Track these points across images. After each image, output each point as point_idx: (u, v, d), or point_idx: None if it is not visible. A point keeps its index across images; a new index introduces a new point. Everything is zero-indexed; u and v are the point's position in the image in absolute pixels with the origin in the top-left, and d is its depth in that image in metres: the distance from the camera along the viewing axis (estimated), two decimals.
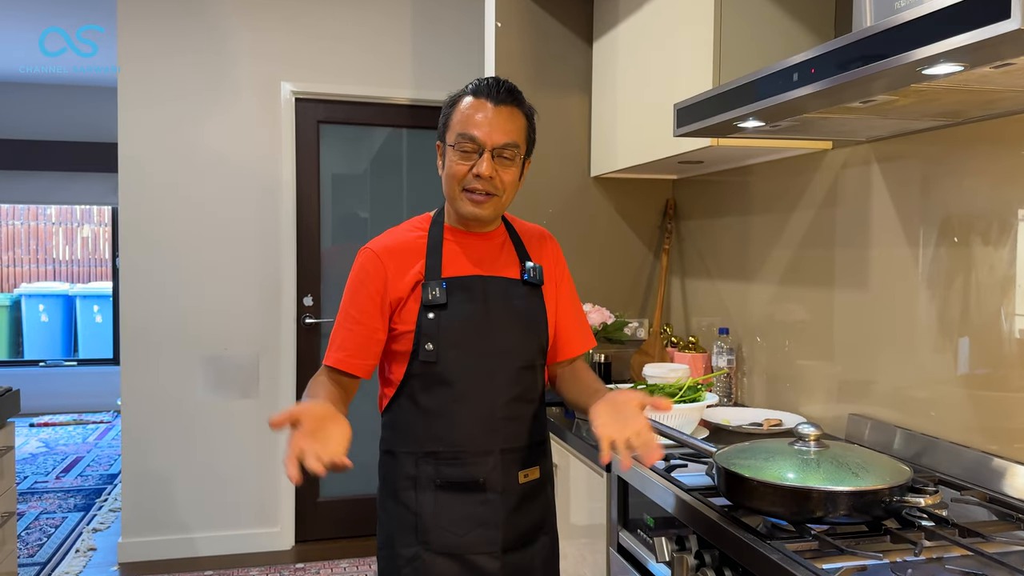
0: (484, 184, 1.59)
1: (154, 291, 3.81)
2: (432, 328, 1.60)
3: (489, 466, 1.63)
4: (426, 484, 1.63)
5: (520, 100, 1.64)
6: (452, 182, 1.62)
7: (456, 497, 1.62)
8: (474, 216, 1.63)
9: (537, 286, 1.71)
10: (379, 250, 1.66)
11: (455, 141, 1.60)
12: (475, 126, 1.58)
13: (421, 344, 1.61)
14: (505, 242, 1.73)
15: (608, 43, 2.85)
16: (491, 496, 1.63)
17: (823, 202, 2.20)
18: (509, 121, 1.60)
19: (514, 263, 1.71)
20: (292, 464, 1.22)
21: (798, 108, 1.54)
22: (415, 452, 1.64)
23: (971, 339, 1.73)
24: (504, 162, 1.60)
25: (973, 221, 1.72)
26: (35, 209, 8.99)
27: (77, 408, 7.33)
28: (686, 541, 1.56)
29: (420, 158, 4.24)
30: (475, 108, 1.60)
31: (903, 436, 1.87)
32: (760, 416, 2.25)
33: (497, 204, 1.63)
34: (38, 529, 4.27)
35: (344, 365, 1.63)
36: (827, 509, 1.33)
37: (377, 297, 1.63)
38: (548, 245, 1.80)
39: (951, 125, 1.74)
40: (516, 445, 1.67)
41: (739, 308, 2.62)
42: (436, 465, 1.63)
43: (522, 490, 1.67)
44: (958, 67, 1.17)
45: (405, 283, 1.63)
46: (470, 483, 1.63)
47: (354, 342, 1.63)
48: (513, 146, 1.60)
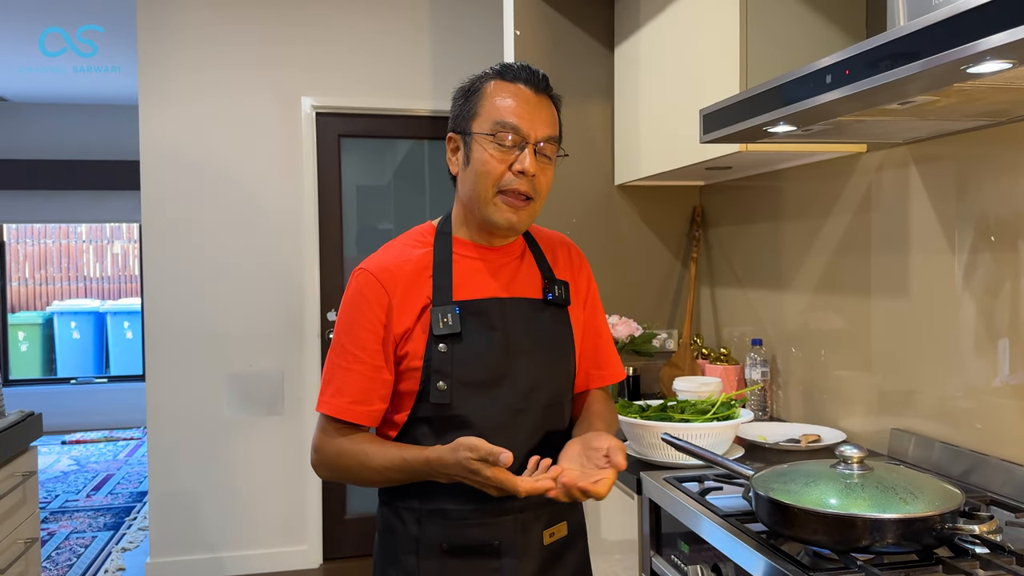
0: (527, 184, 1.36)
1: (178, 308, 3.80)
2: (444, 363, 1.35)
3: (506, 527, 1.38)
4: (431, 548, 1.38)
5: (552, 90, 1.43)
6: (485, 182, 1.36)
7: (465, 563, 1.38)
8: (509, 226, 1.39)
9: (563, 307, 1.49)
10: (377, 271, 1.40)
11: (492, 130, 1.35)
12: (515, 115, 1.35)
13: (432, 383, 1.35)
14: (525, 254, 1.50)
15: (630, 48, 2.78)
16: (507, 563, 1.38)
17: (858, 207, 2.12)
18: (551, 112, 1.40)
19: (536, 280, 1.48)
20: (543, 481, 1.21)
21: (832, 111, 1.46)
22: (418, 509, 1.39)
23: (1018, 345, 1.63)
24: (545, 160, 1.38)
25: (1018, 223, 1.63)
26: (66, 227, 9.10)
27: (108, 425, 7.39)
28: (722, 568, 1.49)
29: (442, 169, 4.20)
30: (513, 94, 1.37)
31: (950, 452, 1.78)
32: (797, 432, 2.16)
33: (533, 211, 1.40)
34: (68, 549, 4.28)
35: (348, 414, 1.36)
36: (873, 537, 1.25)
37: (379, 328, 1.37)
38: (572, 255, 1.57)
39: (993, 125, 1.66)
40: (540, 500, 1.33)
41: (772, 318, 2.53)
42: (443, 526, 1.38)
43: (546, 552, 1.43)
44: (1006, 64, 1.09)
45: (411, 310, 1.38)
46: (483, 547, 1.38)
47: (356, 384, 1.37)
48: (555, 141, 1.39)
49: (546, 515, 1.43)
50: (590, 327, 1.57)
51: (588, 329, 1.56)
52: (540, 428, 1.43)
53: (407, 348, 1.38)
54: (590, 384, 1.58)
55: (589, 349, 1.56)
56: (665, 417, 1.96)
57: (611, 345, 1.62)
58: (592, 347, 1.57)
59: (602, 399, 1.58)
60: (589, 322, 1.57)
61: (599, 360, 1.59)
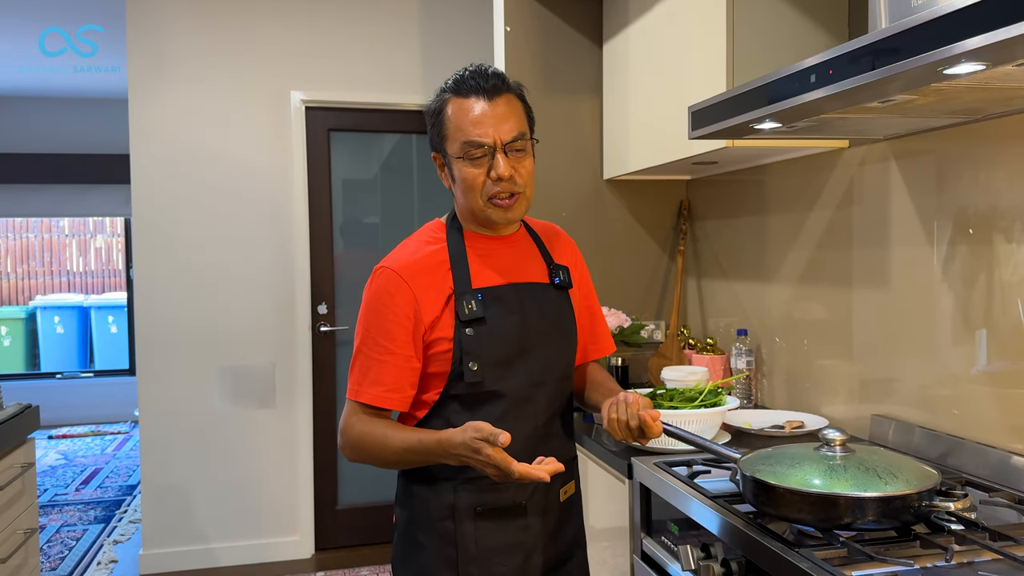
0: (507, 186, 1.48)
1: (168, 302, 3.82)
2: (474, 346, 1.48)
3: (531, 488, 1.53)
4: (466, 513, 1.51)
5: (508, 83, 1.51)
6: (472, 194, 1.49)
7: (497, 524, 1.52)
8: (506, 221, 1.53)
9: (565, 289, 1.62)
10: (400, 269, 1.51)
11: (461, 152, 1.48)
12: (476, 129, 1.46)
13: (464, 364, 1.48)
14: (528, 243, 1.64)
15: (618, 45, 2.83)
16: (532, 520, 1.55)
17: (840, 201, 2.18)
18: (510, 111, 1.48)
19: (540, 266, 1.62)
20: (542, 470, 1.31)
21: (816, 109, 1.52)
22: (454, 479, 1.51)
23: (994, 335, 1.71)
24: (518, 155, 1.48)
25: (993, 217, 1.70)
26: (48, 222, 9.05)
27: (94, 419, 7.38)
28: (711, 548, 1.55)
29: (431, 164, 4.23)
30: (470, 109, 1.47)
31: (927, 436, 1.85)
32: (781, 418, 2.23)
33: (523, 201, 1.52)
34: (59, 542, 4.30)
35: (384, 401, 1.50)
36: (855, 515, 1.31)
37: (408, 323, 1.49)
38: (565, 241, 1.72)
39: (970, 122, 1.72)
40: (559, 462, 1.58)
41: (757, 309, 2.60)
42: (478, 492, 1.51)
43: (562, 508, 1.61)
44: (980, 66, 1.15)
45: (436, 301, 1.50)
46: (512, 508, 1.53)
47: (390, 374, 1.49)
48: (522, 137, 1.49)
49: (562, 475, 1.52)
50: (585, 306, 1.72)
51: (584, 308, 1.71)
52: (555, 399, 1.59)
53: (436, 334, 1.50)
54: (588, 357, 1.75)
55: (587, 326, 1.72)
56: (655, 404, 2.02)
57: (604, 321, 1.80)
58: (588, 324, 1.73)
59: (601, 370, 1.77)
60: (584, 301, 1.71)
61: (595, 335, 1.76)
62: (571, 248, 1.72)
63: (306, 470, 3.99)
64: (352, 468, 4.06)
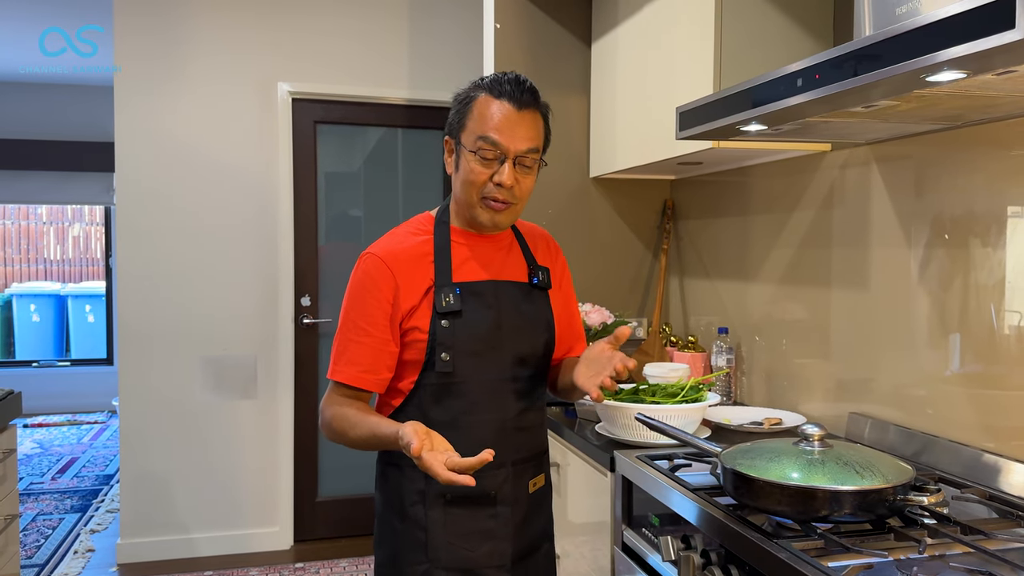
0: (505, 194, 1.53)
1: (150, 291, 3.81)
2: (447, 337, 1.53)
3: (501, 478, 1.59)
4: (436, 499, 1.56)
5: (539, 101, 1.56)
6: (470, 189, 1.54)
7: (466, 512, 1.57)
8: (492, 225, 1.58)
9: (545, 290, 1.68)
10: (385, 256, 1.56)
11: (475, 146, 1.51)
12: (498, 131, 1.50)
13: (436, 354, 1.53)
14: (512, 244, 1.69)
15: (607, 45, 2.86)
16: (502, 509, 1.60)
17: (822, 203, 2.23)
18: (532, 126, 1.53)
19: (522, 266, 1.67)
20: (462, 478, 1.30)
21: (801, 113, 1.56)
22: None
23: (968, 337, 1.75)
24: (524, 170, 1.54)
25: (970, 221, 1.74)
26: (26, 208, 8.95)
27: (71, 408, 7.32)
28: (692, 540, 1.58)
29: (415, 157, 4.26)
30: (498, 110, 1.51)
31: (902, 434, 1.90)
32: (760, 415, 2.27)
33: (515, 212, 1.58)
34: (36, 531, 4.27)
35: (359, 381, 1.55)
36: (832, 508, 1.35)
37: (387, 306, 1.54)
38: (550, 246, 1.77)
39: (949, 128, 1.77)
40: (527, 455, 1.64)
41: (738, 307, 2.64)
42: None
43: (531, 500, 1.66)
44: (961, 74, 1.19)
45: (416, 290, 1.55)
46: (481, 497, 1.57)
47: (367, 355, 1.55)
48: (535, 152, 1.54)
49: (531, 468, 1.65)
50: (566, 308, 1.77)
51: (565, 309, 1.76)
52: (526, 394, 1.64)
53: (412, 323, 1.55)
54: (570, 354, 1.80)
55: (567, 326, 1.77)
56: (637, 399, 2.06)
57: (579, 319, 1.86)
58: (569, 324, 1.78)
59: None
60: (565, 303, 1.77)
61: (575, 333, 1.81)
62: (555, 252, 1.77)
63: (286, 461, 3.99)
64: (332, 460, 4.07)
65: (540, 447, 1.70)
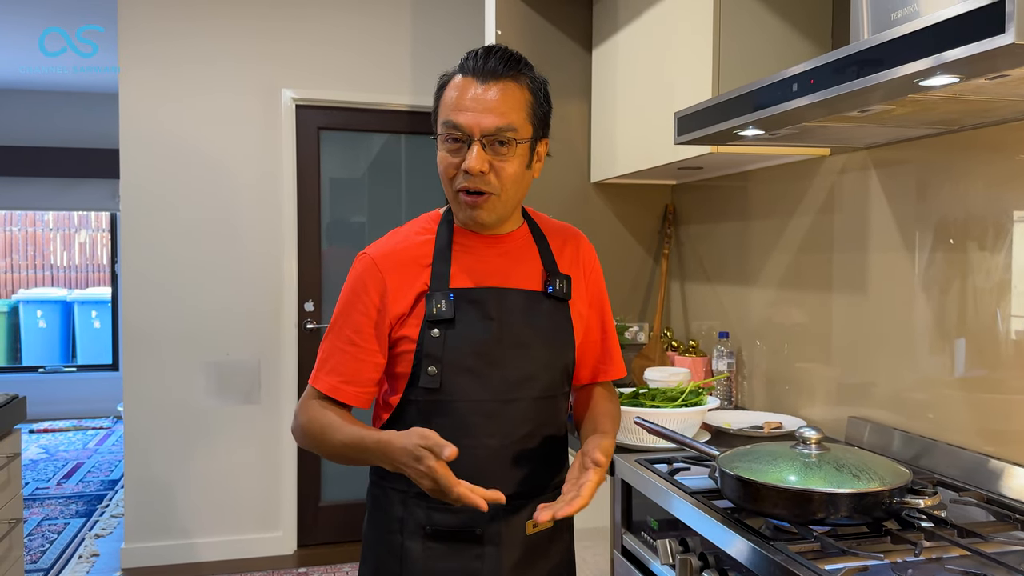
0: (474, 182, 1.32)
1: (156, 297, 3.83)
2: (436, 348, 1.35)
3: (488, 516, 1.35)
4: (414, 530, 1.40)
5: (517, 69, 1.35)
6: (445, 182, 1.37)
7: (447, 548, 1.39)
8: (472, 220, 1.38)
9: (564, 300, 1.46)
10: (378, 257, 1.41)
11: (440, 130, 1.34)
12: (459, 111, 1.31)
13: (423, 367, 1.36)
14: (526, 245, 1.47)
15: (608, 51, 2.88)
16: (488, 550, 1.39)
17: (821, 207, 2.23)
18: (501, 100, 1.31)
19: (537, 271, 1.46)
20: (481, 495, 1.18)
21: (797, 117, 1.57)
22: (404, 491, 1.40)
23: (968, 342, 1.76)
24: (500, 152, 1.32)
25: (969, 225, 1.75)
26: (32, 215, 9.00)
27: (77, 414, 7.34)
28: (689, 543, 1.59)
29: (419, 164, 4.27)
30: (458, 88, 1.33)
31: (902, 438, 1.90)
32: (760, 419, 2.27)
33: (497, 205, 1.36)
34: (40, 535, 4.29)
35: (338, 393, 1.40)
36: (829, 511, 1.35)
37: (373, 313, 1.38)
38: (580, 247, 1.55)
39: (947, 132, 1.77)
40: (525, 490, 1.41)
41: (739, 312, 2.65)
42: (427, 510, 1.39)
43: (529, 543, 1.44)
44: (954, 79, 1.20)
45: (407, 295, 1.38)
46: (464, 533, 1.39)
47: (349, 367, 1.39)
48: (508, 130, 1.31)
49: (530, 507, 1.40)
50: (597, 323, 1.57)
51: (595, 325, 1.56)
52: (530, 419, 1.43)
53: (402, 332, 1.39)
54: (597, 378, 1.59)
55: (597, 345, 1.57)
56: (637, 403, 2.07)
57: (616, 342, 1.62)
58: (599, 343, 1.57)
59: (607, 396, 1.58)
60: (596, 318, 1.56)
61: (606, 355, 1.59)
62: (588, 257, 1.56)
63: (289, 466, 4.00)
64: (335, 465, 4.07)
65: (545, 482, 1.46)
